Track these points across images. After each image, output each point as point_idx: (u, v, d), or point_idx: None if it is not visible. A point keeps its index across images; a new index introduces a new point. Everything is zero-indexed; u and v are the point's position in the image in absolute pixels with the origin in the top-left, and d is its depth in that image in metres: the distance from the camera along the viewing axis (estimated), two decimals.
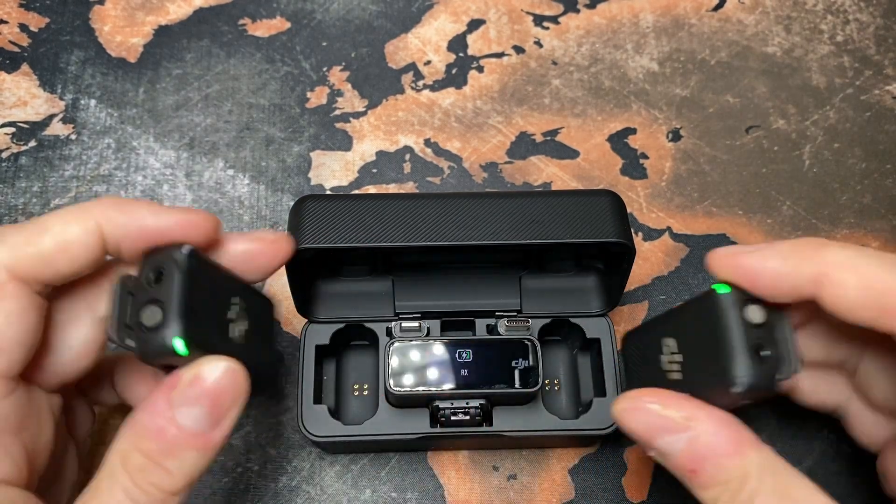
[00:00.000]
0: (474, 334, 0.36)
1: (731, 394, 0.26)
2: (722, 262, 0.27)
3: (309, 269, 0.36)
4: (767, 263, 0.26)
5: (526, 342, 0.34)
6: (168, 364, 0.25)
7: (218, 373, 0.25)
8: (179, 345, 0.24)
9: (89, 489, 0.24)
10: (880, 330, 0.24)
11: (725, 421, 0.25)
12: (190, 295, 0.25)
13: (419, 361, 0.34)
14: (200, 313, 0.26)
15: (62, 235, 0.25)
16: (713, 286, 0.27)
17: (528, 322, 0.36)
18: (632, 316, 0.40)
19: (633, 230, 0.42)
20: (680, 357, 0.29)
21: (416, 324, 0.35)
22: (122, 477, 0.24)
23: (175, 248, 0.26)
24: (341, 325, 0.36)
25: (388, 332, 0.35)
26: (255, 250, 0.28)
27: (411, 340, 0.34)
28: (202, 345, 0.25)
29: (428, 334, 0.35)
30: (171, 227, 0.26)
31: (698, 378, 0.27)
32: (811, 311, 0.28)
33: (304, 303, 0.36)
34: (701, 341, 0.27)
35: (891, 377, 0.29)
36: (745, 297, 0.27)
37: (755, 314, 0.26)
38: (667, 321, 0.30)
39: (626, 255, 0.34)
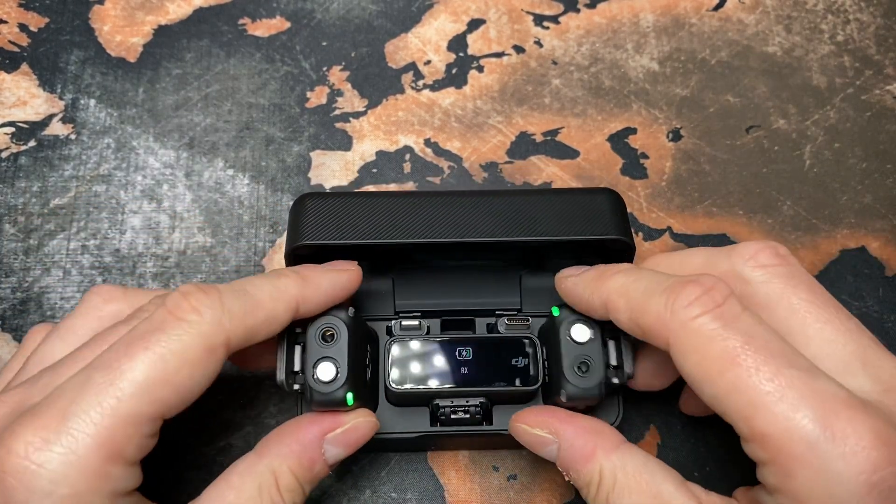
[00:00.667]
0: (474, 333, 0.36)
1: (561, 401, 0.32)
2: (557, 284, 0.32)
3: None
4: (576, 291, 0.30)
5: (525, 340, 0.34)
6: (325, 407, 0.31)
7: (368, 428, 0.31)
8: (350, 398, 0.30)
9: (231, 487, 0.28)
10: (653, 345, 0.27)
11: (581, 431, 0.30)
12: (354, 352, 0.31)
13: (419, 359, 0.34)
14: (357, 366, 0.31)
15: (272, 314, 0.28)
16: (552, 307, 0.33)
17: (529, 320, 0.36)
18: None
19: (633, 230, 0.42)
20: (547, 364, 0.34)
21: (416, 322, 0.35)
22: (273, 491, 0.28)
23: (341, 310, 0.31)
24: None
25: (389, 331, 0.35)
26: (343, 280, 0.31)
27: (411, 338, 0.34)
28: (360, 397, 0.31)
29: (428, 332, 0.35)
30: (342, 290, 0.31)
31: (553, 385, 0.33)
32: None
33: None
34: (554, 353, 0.33)
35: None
36: (573, 319, 0.32)
37: (579, 334, 0.32)
38: (546, 330, 0.35)
39: (626, 252, 0.34)
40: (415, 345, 0.34)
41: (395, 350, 0.34)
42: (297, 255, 0.33)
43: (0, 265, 0.41)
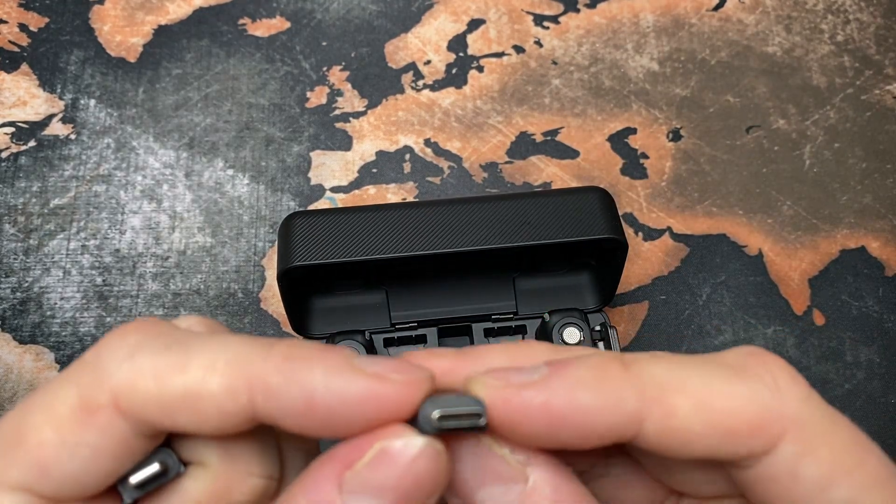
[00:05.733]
0: (472, 340, 0.36)
1: None
2: (509, 402, 0.18)
3: (301, 287, 0.36)
4: (578, 400, 0.17)
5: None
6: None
7: (414, 450, 0.17)
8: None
9: None
10: (719, 458, 0.18)
11: (564, 474, 0.19)
12: None
13: None
14: None
15: (197, 387, 0.17)
16: (543, 314, 0.35)
17: (525, 323, 0.36)
18: (632, 316, 0.40)
19: (633, 230, 0.42)
20: None
21: (412, 333, 0.35)
22: None
23: (358, 334, 0.33)
24: None
25: (386, 344, 0.36)
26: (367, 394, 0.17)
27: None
28: None
29: (426, 342, 0.36)
30: (349, 401, 0.17)
31: None
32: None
33: (299, 320, 0.36)
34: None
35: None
36: (564, 321, 0.34)
37: (569, 336, 0.34)
38: (539, 333, 0.36)
39: (618, 250, 0.34)
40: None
41: None
42: (290, 277, 0.33)
43: (0, 265, 0.41)
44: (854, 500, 0.18)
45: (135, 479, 0.18)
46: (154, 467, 0.18)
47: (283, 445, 0.20)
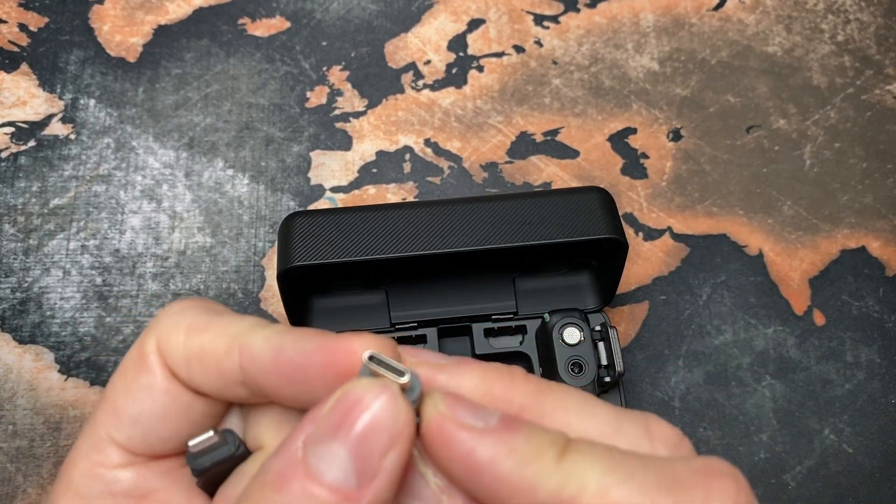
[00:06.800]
0: (472, 340, 0.36)
1: None
2: (441, 432, 0.18)
3: (301, 287, 0.36)
4: (497, 466, 0.17)
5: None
6: None
7: (372, 392, 0.17)
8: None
9: None
10: None
11: None
12: None
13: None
14: None
15: (209, 346, 0.20)
16: (544, 314, 0.35)
17: (525, 323, 0.36)
18: (632, 316, 0.40)
19: (633, 230, 0.42)
20: (541, 370, 0.35)
21: (412, 333, 0.35)
22: None
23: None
24: None
25: None
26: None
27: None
28: None
29: (426, 342, 0.36)
30: (307, 352, 0.19)
31: None
32: None
33: (299, 320, 0.36)
34: (548, 356, 0.35)
35: None
36: (564, 322, 0.34)
37: (570, 336, 0.34)
38: (539, 333, 0.36)
39: (619, 250, 0.34)
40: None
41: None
42: (290, 277, 0.33)
43: (0, 265, 0.41)
44: None
45: (192, 442, 0.20)
46: (208, 434, 0.21)
47: None
